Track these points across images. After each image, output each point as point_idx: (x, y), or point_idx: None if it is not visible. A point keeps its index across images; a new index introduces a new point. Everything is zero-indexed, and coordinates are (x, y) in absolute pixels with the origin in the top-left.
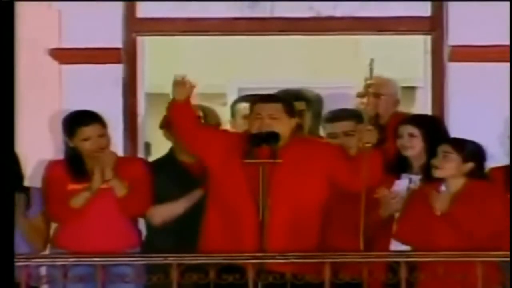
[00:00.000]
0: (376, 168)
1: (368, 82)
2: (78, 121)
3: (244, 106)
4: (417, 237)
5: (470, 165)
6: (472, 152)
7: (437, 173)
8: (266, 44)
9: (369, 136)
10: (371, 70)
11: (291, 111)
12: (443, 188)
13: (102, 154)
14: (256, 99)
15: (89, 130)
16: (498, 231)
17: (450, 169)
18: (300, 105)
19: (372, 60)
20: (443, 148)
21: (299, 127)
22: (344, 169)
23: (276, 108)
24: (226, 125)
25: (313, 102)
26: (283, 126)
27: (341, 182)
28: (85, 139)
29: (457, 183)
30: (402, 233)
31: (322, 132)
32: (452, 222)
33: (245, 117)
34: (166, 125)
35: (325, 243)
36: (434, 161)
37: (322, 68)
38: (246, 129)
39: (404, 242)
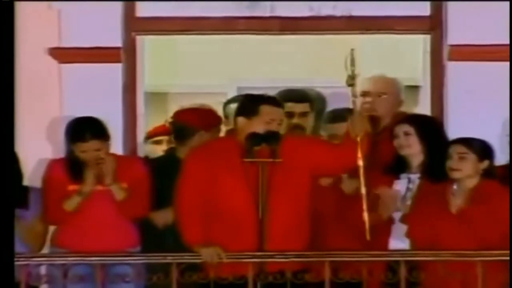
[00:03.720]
0: (359, 152)
1: (353, 72)
2: (78, 135)
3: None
4: (427, 237)
5: (486, 163)
6: (485, 150)
7: (456, 175)
8: (267, 43)
9: (361, 127)
10: (352, 60)
11: None
12: (454, 187)
13: (103, 160)
14: (262, 101)
15: (86, 146)
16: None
17: (468, 169)
18: (304, 107)
19: (352, 50)
20: (457, 149)
21: (299, 128)
22: (325, 153)
23: (282, 112)
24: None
25: (316, 102)
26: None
27: (323, 167)
28: (82, 152)
29: (471, 182)
30: (412, 232)
31: (322, 132)
32: (466, 221)
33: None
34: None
35: (324, 244)
36: (450, 163)
37: (322, 67)
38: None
39: (414, 241)
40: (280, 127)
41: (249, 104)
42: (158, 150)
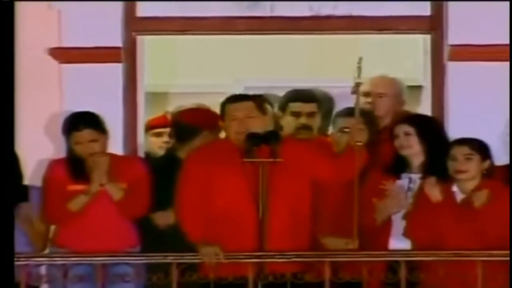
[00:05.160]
0: (358, 163)
1: (357, 81)
2: (71, 125)
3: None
4: (428, 237)
5: (488, 163)
6: (486, 150)
7: (462, 176)
8: (270, 43)
9: (360, 135)
10: (359, 69)
11: (263, 108)
12: (455, 188)
13: (96, 159)
14: (226, 101)
15: (79, 136)
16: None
17: (474, 170)
18: (311, 107)
19: (360, 59)
20: (462, 150)
21: (307, 128)
22: (325, 164)
23: (248, 106)
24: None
25: (324, 102)
26: (259, 124)
27: (323, 177)
28: (77, 143)
29: (472, 183)
30: (412, 232)
31: (332, 128)
32: (469, 221)
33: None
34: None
35: (320, 244)
36: (455, 165)
37: (324, 67)
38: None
39: (414, 241)
40: (256, 119)
41: (220, 108)
42: (159, 143)
